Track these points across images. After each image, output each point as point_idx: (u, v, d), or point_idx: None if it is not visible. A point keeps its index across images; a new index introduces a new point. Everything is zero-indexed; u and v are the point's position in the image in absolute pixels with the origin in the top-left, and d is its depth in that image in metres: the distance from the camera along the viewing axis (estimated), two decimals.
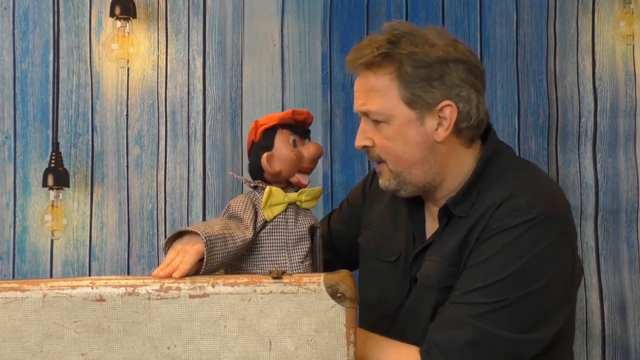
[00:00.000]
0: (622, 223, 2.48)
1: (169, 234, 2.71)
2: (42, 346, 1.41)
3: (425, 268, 1.74)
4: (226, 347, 1.41)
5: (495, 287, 1.61)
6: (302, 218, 1.70)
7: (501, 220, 1.65)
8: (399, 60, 1.71)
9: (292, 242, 1.67)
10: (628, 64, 2.47)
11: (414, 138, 1.73)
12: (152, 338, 1.41)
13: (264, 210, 1.67)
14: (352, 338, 1.43)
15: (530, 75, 2.59)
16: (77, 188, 2.73)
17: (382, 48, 1.71)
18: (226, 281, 1.43)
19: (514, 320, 1.60)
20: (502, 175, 1.75)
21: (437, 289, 1.70)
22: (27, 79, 2.76)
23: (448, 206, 1.74)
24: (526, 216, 1.64)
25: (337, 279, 1.45)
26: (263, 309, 1.42)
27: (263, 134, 1.71)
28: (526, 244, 1.63)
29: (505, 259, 1.62)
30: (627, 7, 2.46)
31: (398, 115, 1.72)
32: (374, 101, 1.72)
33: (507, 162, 1.79)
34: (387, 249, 1.87)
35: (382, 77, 1.72)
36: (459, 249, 1.69)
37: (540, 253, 1.63)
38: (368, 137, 1.76)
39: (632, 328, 2.45)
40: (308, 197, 1.71)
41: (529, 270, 1.62)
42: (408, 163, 1.74)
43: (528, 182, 1.73)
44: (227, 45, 2.76)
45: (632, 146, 2.47)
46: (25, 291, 1.42)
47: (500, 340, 1.59)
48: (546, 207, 1.66)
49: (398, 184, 1.75)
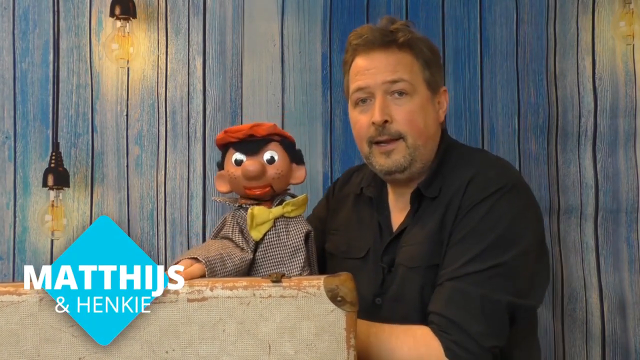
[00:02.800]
0: (622, 223, 2.47)
1: (169, 234, 2.71)
2: (39, 350, 1.41)
3: (406, 252, 1.82)
4: (225, 352, 1.41)
5: (485, 253, 1.69)
6: (294, 227, 1.70)
7: (475, 194, 1.76)
8: (418, 44, 1.86)
9: (287, 256, 1.68)
10: (628, 64, 2.47)
11: (432, 115, 1.88)
12: (150, 342, 1.41)
13: (251, 232, 1.66)
14: (352, 342, 1.43)
15: (530, 75, 2.59)
16: (77, 188, 2.73)
17: (402, 31, 1.84)
18: (225, 285, 1.43)
19: (511, 285, 1.69)
20: (463, 159, 1.88)
21: (424, 267, 1.77)
22: (27, 79, 2.76)
23: (420, 188, 1.84)
24: (497, 186, 1.75)
25: (338, 282, 1.44)
26: (262, 312, 1.42)
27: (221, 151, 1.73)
28: (501, 210, 1.73)
29: (487, 226, 1.72)
30: (627, 7, 2.45)
31: (421, 92, 1.85)
32: (405, 73, 1.83)
33: (465, 149, 1.96)
34: (355, 247, 1.95)
35: (407, 55, 1.85)
36: (438, 229, 1.78)
37: (515, 217, 1.74)
38: (388, 112, 1.83)
39: (632, 328, 2.45)
40: (294, 206, 1.71)
41: (510, 234, 1.72)
42: (426, 136, 1.86)
43: (490, 160, 1.89)
44: (227, 45, 2.75)
45: (632, 146, 2.46)
46: (21, 295, 1.42)
47: (503, 304, 1.67)
48: (511, 177, 1.81)
49: (411, 161, 1.84)
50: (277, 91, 2.74)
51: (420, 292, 1.76)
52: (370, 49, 1.85)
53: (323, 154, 2.70)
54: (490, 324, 1.66)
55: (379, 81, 1.82)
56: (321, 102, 2.73)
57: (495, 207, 1.74)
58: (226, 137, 1.69)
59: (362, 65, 1.87)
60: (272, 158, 1.69)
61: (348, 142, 2.70)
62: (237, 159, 1.69)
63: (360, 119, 1.89)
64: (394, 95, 1.83)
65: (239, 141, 1.68)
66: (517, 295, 1.69)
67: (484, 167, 1.83)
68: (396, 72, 1.82)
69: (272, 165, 1.68)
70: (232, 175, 1.69)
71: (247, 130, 1.67)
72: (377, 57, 1.84)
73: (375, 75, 1.83)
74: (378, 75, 1.83)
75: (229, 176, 1.70)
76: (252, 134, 1.68)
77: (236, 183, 1.70)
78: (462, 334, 1.63)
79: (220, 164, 1.73)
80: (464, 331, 1.63)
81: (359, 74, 1.87)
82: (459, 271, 1.69)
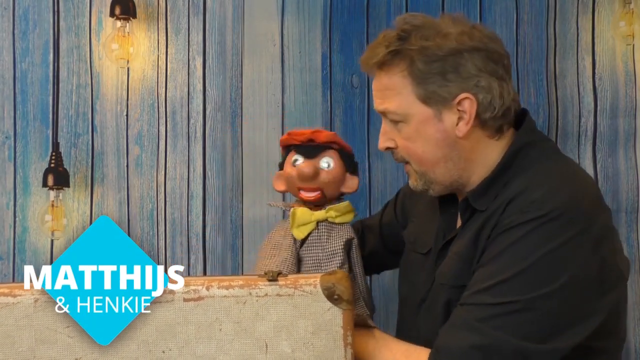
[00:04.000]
0: (622, 223, 2.47)
1: (169, 234, 2.72)
2: (34, 351, 1.40)
3: (443, 264, 1.69)
4: (222, 351, 1.41)
5: (501, 287, 1.51)
6: (337, 233, 1.72)
7: (512, 215, 1.56)
8: (409, 57, 1.65)
9: (325, 260, 1.69)
10: (628, 64, 2.47)
11: (433, 136, 1.66)
12: (146, 342, 1.41)
13: (292, 231, 1.71)
14: (349, 340, 1.43)
15: (530, 75, 2.59)
16: (77, 188, 2.73)
17: (391, 46, 1.65)
18: (221, 284, 1.43)
19: (524, 327, 1.50)
20: (530, 167, 1.65)
21: (449, 286, 1.64)
22: (27, 79, 2.76)
23: (468, 199, 1.67)
24: (538, 212, 1.53)
25: (334, 280, 1.44)
26: (259, 311, 1.42)
27: (283, 152, 1.81)
28: (535, 242, 1.51)
29: (512, 257, 1.52)
30: (627, 7, 2.45)
31: (415, 114, 1.66)
32: (390, 101, 1.67)
33: (539, 154, 1.68)
34: (422, 241, 1.83)
35: (395, 76, 1.66)
36: (472, 245, 1.62)
37: (551, 252, 1.51)
38: (390, 138, 1.72)
39: (632, 328, 2.45)
40: (337, 212, 1.74)
41: (539, 271, 1.51)
42: (430, 162, 1.68)
43: (550, 175, 1.62)
44: (227, 45, 2.75)
45: (632, 146, 2.46)
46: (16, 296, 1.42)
47: (509, 347, 1.49)
48: (563, 202, 1.54)
49: (425, 184, 1.71)
50: (277, 91, 2.74)
51: (445, 308, 1.63)
52: (370, 69, 1.72)
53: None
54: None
55: (376, 108, 1.73)
56: (321, 102, 2.73)
57: (530, 236, 1.52)
58: (289, 139, 1.78)
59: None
60: (328, 164, 1.75)
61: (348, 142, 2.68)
62: (295, 159, 1.75)
63: None
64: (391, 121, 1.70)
65: (300, 144, 1.76)
66: (530, 339, 1.49)
67: (535, 183, 1.59)
68: (384, 101, 1.69)
69: (326, 171, 1.75)
70: (288, 175, 1.76)
71: (308, 134, 1.75)
72: (374, 80, 1.72)
73: (375, 101, 1.73)
74: (375, 101, 1.72)
75: (286, 176, 1.77)
76: (312, 138, 1.76)
77: (291, 183, 1.76)
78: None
79: (281, 165, 1.80)
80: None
81: None
82: (471, 298, 1.54)
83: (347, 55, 2.72)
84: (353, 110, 2.71)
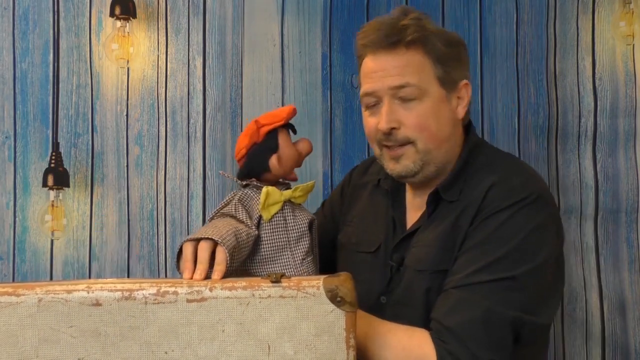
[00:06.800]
0: (622, 223, 2.47)
1: (169, 234, 2.72)
2: (38, 351, 1.40)
3: (415, 254, 1.76)
4: (224, 352, 1.41)
5: (497, 264, 1.63)
6: (299, 213, 1.71)
7: (496, 201, 1.68)
8: (431, 39, 1.75)
9: (293, 240, 1.68)
10: (628, 64, 2.47)
11: (445, 115, 1.78)
12: (149, 342, 1.41)
13: (262, 211, 1.67)
14: (352, 342, 1.43)
15: (530, 75, 2.59)
16: (77, 188, 2.73)
17: (413, 27, 1.74)
18: (224, 285, 1.43)
19: (519, 300, 1.62)
20: (490, 162, 1.79)
21: (430, 271, 1.71)
22: (27, 79, 2.76)
23: (438, 191, 1.77)
24: (520, 195, 1.68)
25: (337, 282, 1.44)
26: (262, 313, 1.42)
27: (266, 135, 1.72)
28: (521, 222, 1.66)
29: (503, 236, 1.65)
30: (627, 7, 2.45)
31: (432, 92, 1.75)
32: (412, 76, 1.73)
33: (492, 151, 1.86)
34: (367, 240, 1.89)
35: (416, 55, 1.74)
36: (450, 233, 1.71)
37: (534, 231, 1.66)
38: (395, 119, 1.74)
39: (632, 328, 2.45)
40: (302, 192, 1.73)
41: (526, 248, 1.65)
42: (440, 140, 1.77)
43: (516, 166, 1.80)
44: (227, 45, 2.75)
45: (632, 146, 2.46)
46: (20, 296, 1.42)
47: (507, 318, 1.60)
48: (536, 188, 1.72)
49: (422, 165, 1.76)
50: (277, 91, 2.74)
51: (425, 296, 1.71)
52: (377, 49, 1.76)
53: (323, 153, 2.70)
54: (490, 337, 1.59)
55: (386, 86, 1.74)
56: (321, 102, 2.73)
57: (515, 217, 1.66)
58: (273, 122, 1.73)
59: (370, 67, 1.78)
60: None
61: (348, 142, 2.70)
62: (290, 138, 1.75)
63: (370, 121, 1.80)
64: (402, 99, 1.74)
65: (285, 123, 1.74)
66: (524, 311, 1.62)
67: (509, 173, 1.74)
68: (403, 76, 1.73)
69: None
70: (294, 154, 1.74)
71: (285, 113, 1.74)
72: (384, 59, 1.75)
73: (382, 79, 1.74)
74: (385, 79, 1.74)
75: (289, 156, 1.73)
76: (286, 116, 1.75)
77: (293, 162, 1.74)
78: (458, 345, 1.58)
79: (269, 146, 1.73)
80: (461, 342, 1.58)
81: (366, 76, 1.79)
82: (467, 279, 1.63)
83: (347, 55, 2.72)
84: (353, 110, 2.71)
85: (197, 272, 1.50)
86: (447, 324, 1.60)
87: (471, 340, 1.58)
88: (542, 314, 1.67)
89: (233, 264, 1.57)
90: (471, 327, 1.59)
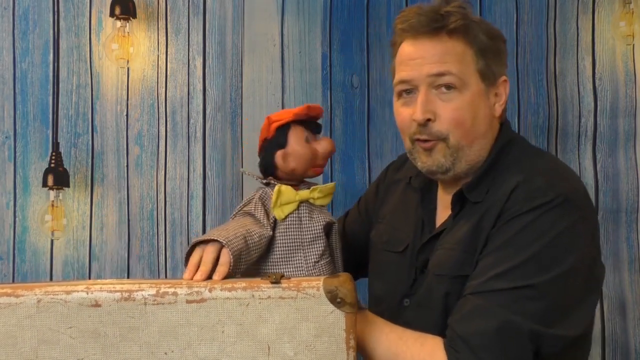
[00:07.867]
0: (622, 223, 2.47)
1: (169, 234, 2.71)
2: (37, 352, 1.40)
3: (437, 257, 1.68)
4: (224, 353, 1.41)
5: (516, 271, 1.53)
6: (317, 215, 1.67)
7: (517, 203, 1.58)
8: (474, 29, 1.67)
9: (307, 241, 1.65)
10: (628, 64, 2.47)
11: (482, 111, 1.68)
12: (149, 343, 1.40)
13: (274, 210, 1.65)
14: (352, 343, 1.43)
15: (530, 75, 2.59)
16: (77, 188, 2.73)
17: (456, 15, 1.65)
18: (223, 286, 1.43)
19: (538, 310, 1.51)
20: (518, 161, 1.68)
21: (450, 276, 1.63)
22: (27, 79, 2.76)
23: (463, 191, 1.68)
24: (544, 198, 1.56)
25: (337, 283, 1.44)
26: (261, 314, 1.42)
27: (276, 131, 1.69)
28: (544, 227, 1.55)
29: (524, 241, 1.55)
30: (627, 7, 2.45)
31: (472, 85, 1.66)
32: (453, 64, 1.65)
33: (523, 150, 1.74)
34: (396, 240, 1.82)
35: (458, 44, 1.66)
36: (472, 235, 1.62)
37: (559, 236, 1.54)
38: (430, 110, 1.65)
39: (632, 328, 2.45)
40: (321, 194, 1.68)
41: (549, 254, 1.54)
42: (473, 137, 1.68)
43: (545, 166, 1.67)
44: (227, 45, 2.75)
45: (632, 146, 2.46)
46: (19, 296, 1.42)
47: (524, 330, 1.51)
48: (564, 189, 1.59)
49: (453, 161, 1.67)
50: (277, 91, 2.74)
51: (444, 300, 1.62)
52: (416, 35, 1.66)
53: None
54: (505, 349, 1.50)
55: (424, 73, 1.64)
56: (321, 102, 2.72)
57: (537, 222, 1.55)
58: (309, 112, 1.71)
59: (408, 53, 1.68)
60: None
61: (348, 142, 2.70)
62: (307, 136, 1.71)
63: (403, 112, 1.70)
64: (441, 89, 1.65)
65: (305, 120, 1.70)
66: (543, 323, 1.51)
67: (536, 173, 1.62)
68: (444, 63, 1.63)
69: None
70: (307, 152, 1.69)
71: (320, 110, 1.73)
72: (424, 45, 1.65)
73: (420, 67, 1.65)
74: (423, 67, 1.64)
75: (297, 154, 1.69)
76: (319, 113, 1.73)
77: (308, 161, 1.69)
78: (471, 355, 1.50)
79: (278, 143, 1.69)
80: (473, 352, 1.50)
81: (403, 63, 1.69)
82: (484, 286, 1.54)
83: (347, 55, 2.72)
84: (353, 110, 2.71)
85: (199, 273, 1.49)
86: (461, 333, 1.52)
87: (484, 351, 1.50)
88: (565, 326, 1.54)
89: (240, 266, 1.55)
90: (485, 338, 1.51)
